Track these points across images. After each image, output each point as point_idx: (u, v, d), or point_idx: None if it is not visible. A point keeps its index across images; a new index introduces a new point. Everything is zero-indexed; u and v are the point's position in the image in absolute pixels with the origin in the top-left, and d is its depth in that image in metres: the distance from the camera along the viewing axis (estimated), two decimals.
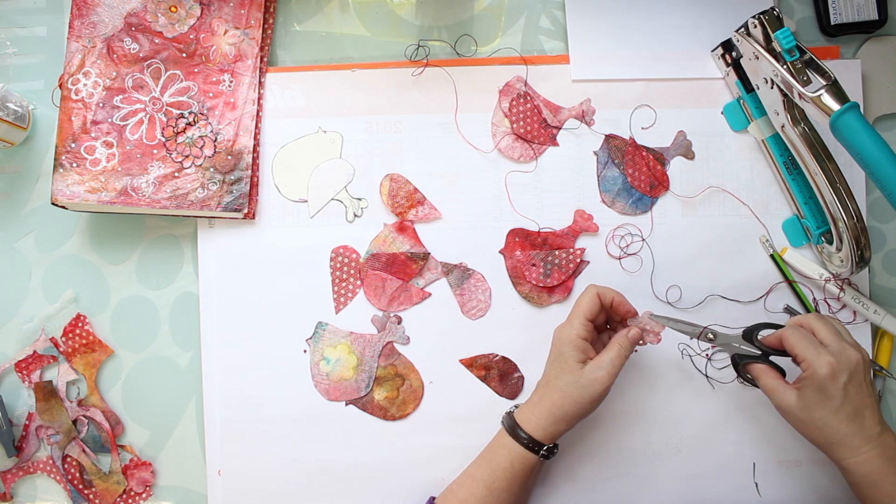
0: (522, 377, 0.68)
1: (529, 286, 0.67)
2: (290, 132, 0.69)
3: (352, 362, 0.68)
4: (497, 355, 0.68)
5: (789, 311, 0.67)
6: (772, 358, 0.59)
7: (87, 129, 0.65)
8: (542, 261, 0.67)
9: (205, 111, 0.67)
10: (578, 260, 0.67)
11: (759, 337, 0.60)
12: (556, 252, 0.67)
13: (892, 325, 0.66)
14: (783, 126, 0.63)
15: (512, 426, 0.60)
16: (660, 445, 0.68)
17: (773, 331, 0.60)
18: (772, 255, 0.67)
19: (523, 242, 0.67)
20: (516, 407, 0.62)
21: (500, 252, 0.68)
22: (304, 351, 0.68)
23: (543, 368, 0.62)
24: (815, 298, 0.67)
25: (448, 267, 0.68)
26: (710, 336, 0.60)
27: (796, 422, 0.57)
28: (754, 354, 0.60)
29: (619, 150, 0.68)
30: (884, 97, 0.68)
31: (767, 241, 0.67)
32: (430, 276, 0.68)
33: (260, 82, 0.68)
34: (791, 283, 0.67)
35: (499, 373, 0.68)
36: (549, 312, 0.68)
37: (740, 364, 0.60)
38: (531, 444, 0.59)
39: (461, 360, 0.68)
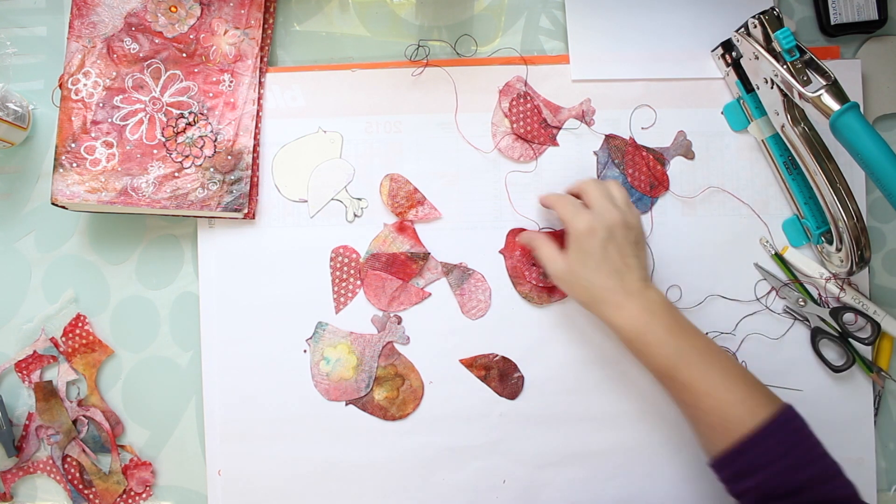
0: (522, 377, 0.68)
1: (529, 286, 0.67)
2: (290, 132, 0.69)
3: (352, 362, 0.68)
4: (497, 355, 0.68)
5: (788, 311, 0.67)
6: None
7: (87, 129, 0.65)
8: None
9: (205, 111, 0.67)
10: None
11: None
12: None
13: (892, 325, 0.66)
14: (783, 126, 0.63)
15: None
16: (660, 445, 0.68)
17: None
18: (773, 256, 0.67)
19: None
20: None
21: (500, 252, 0.68)
22: (304, 351, 0.68)
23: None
24: (821, 295, 0.67)
25: (448, 267, 0.68)
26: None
27: (566, 285, 0.61)
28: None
29: (619, 150, 0.68)
30: (884, 97, 0.68)
31: (768, 242, 0.67)
32: (430, 276, 0.68)
33: (260, 82, 0.68)
34: (794, 282, 0.67)
35: (499, 373, 0.68)
36: (550, 312, 0.68)
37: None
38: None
39: (461, 360, 0.68)
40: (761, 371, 0.67)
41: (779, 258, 0.67)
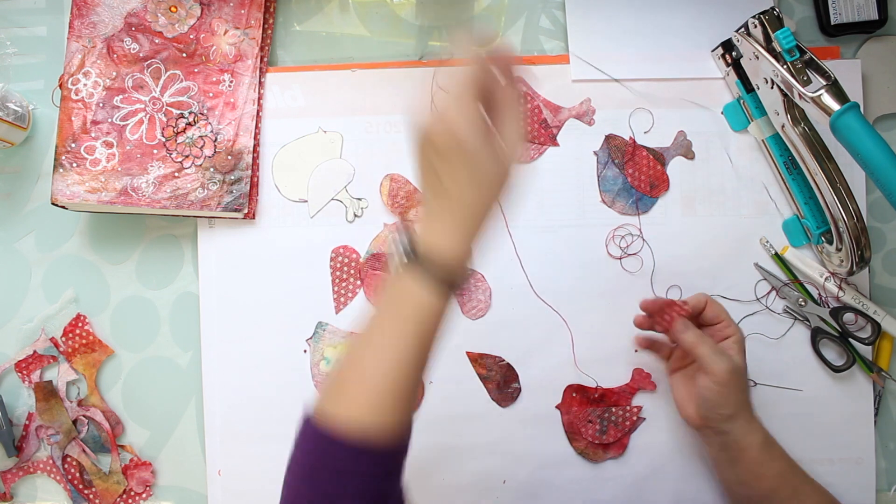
0: (520, 389, 0.67)
1: (585, 442, 0.67)
2: (290, 132, 0.68)
3: None
4: (503, 360, 0.68)
5: (788, 310, 0.67)
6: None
7: (87, 129, 0.65)
8: (599, 417, 0.67)
9: (205, 111, 0.67)
10: (635, 417, 0.67)
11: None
12: (613, 409, 0.67)
13: (893, 325, 0.66)
14: (783, 126, 0.63)
15: (436, 264, 0.44)
16: (660, 445, 0.68)
17: None
18: (773, 256, 0.67)
19: (580, 398, 0.67)
20: (408, 237, 0.46)
21: (556, 407, 0.67)
22: (304, 351, 0.68)
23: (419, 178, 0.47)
24: (821, 295, 0.67)
25: None
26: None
27: (736, 384, 0.58)
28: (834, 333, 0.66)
29: (619, 150, 0.68)
30: (884, 97, 0.68)
31: (768, 242, 0.67)
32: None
33: (260, 82, 0.68)
34: (794, 282, 0.67)
35: (499, 377, 0.67)
36: (550, 313, 0.67)
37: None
38: (456, 281, 0.45)
39: (468, 353, 0.67)
40: (761, 371, 0.68)
41: (779, 258, 0.67)
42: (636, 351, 0.67)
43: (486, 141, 0.44)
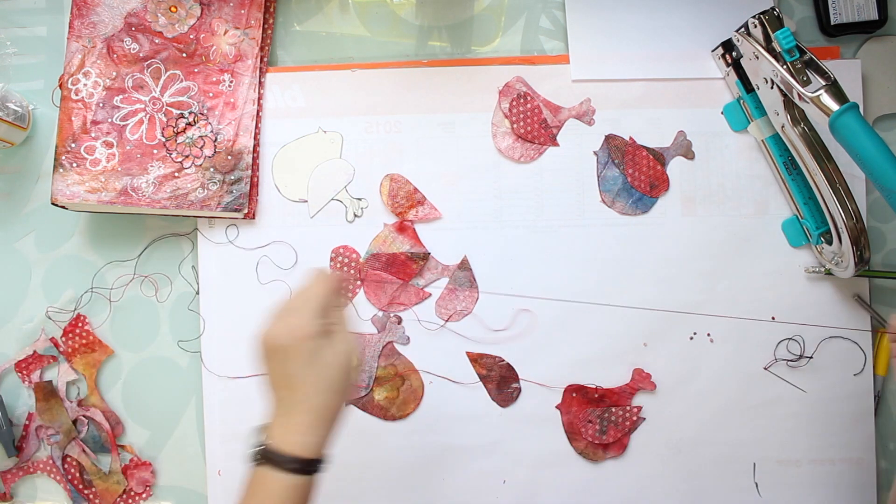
0: (519, 389, 0.67)
1: (585, 442, 0.67)
2: (290, 132, 0.68)
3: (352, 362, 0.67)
4: (503, 360, 0.68)
5: (859, 299, 0.67)
6: None
7: (87, 129, 0.65)
8: (599, 417, 0.67)
9: (205, 111, 0.67)
10: (635, 418, 0.67)
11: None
12: (613, 409, 0.67)
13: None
14: (783, 126, 0.63)
15: (287, 458, 0.49)
16: (660, 445, 0.68)
17: None
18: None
19: (580, 398, 0.67)
20: (262, 437, 0.50)
21: (556, 407, 0.67)
22: None
23: (268, 378, 0.51)
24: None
25: (453, 268, 0.68)
26: None
27: None
28: None
29: (619, 150, 0.68)
30: (884, 97, 0.68)
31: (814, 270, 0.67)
32: (430, 276, 0.68)
33: (260, 82, 0.68)
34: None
35: (499, 377, 0.67)
36: (550, 314, 0.68)
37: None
38: (311, 467, 0.49)
39: (468, 353, 0.68)
40: (761, 371, 0.68)
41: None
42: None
43: (324, 344, 0.50)
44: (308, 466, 0.49)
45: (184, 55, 0.67)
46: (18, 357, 0.68)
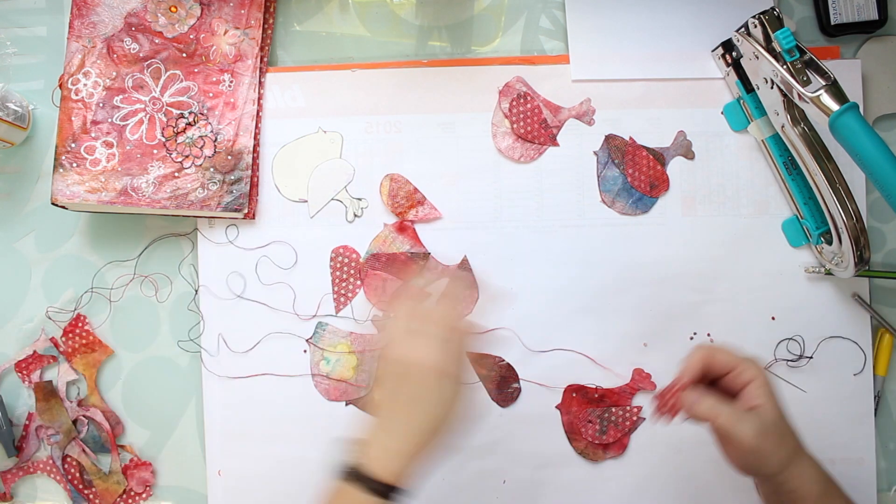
0: (519, 389, 0.67)
1: (585, 442, 0.67)
2: (290, 132, 0.68)
3: (352, 362, 0.68)
4: (503, 360, 0.68)
5: (858, 299, 0.67)
6: None
7: (87, 129, 0.65)
8: (599, 417, 0.67)
9: (205, 111, 0.67)
10: (635, 418, 0.67)
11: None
12: (613, 409, 0.67)
13: (892, 324, 0.66)
14: (783, 126, 0.63)
15: (373, 481, 0.48)
16: (660, 445, 0.68)
17: None
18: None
19: (580, 398, 0.67)
20: (352, 453, 0.50)
21: (556, 407, 0.67)
22: (304, 351, 0.68)
23: (380, 392, 0.51)
24: None
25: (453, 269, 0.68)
26: None
27: (759, 449, 0.51)
28: None
29: (619, 150, 0.68)
30: (884, 97, 0.68)
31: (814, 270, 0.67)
32: (430, 276, 0.68)
33: (260, 82, 0.68)
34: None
35: (498, 377, 0.67)
36: (549, 315, 0.67)
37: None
38: (393, 493, 0.48)
39: (468, 353, 0.67)
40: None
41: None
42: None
43: (455, 381, 0.50)
44: (392, 493, 0.48)
45: (184, 55, 0.67)
46: (18, 357, 0.68)
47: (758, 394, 0.52)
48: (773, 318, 0.68)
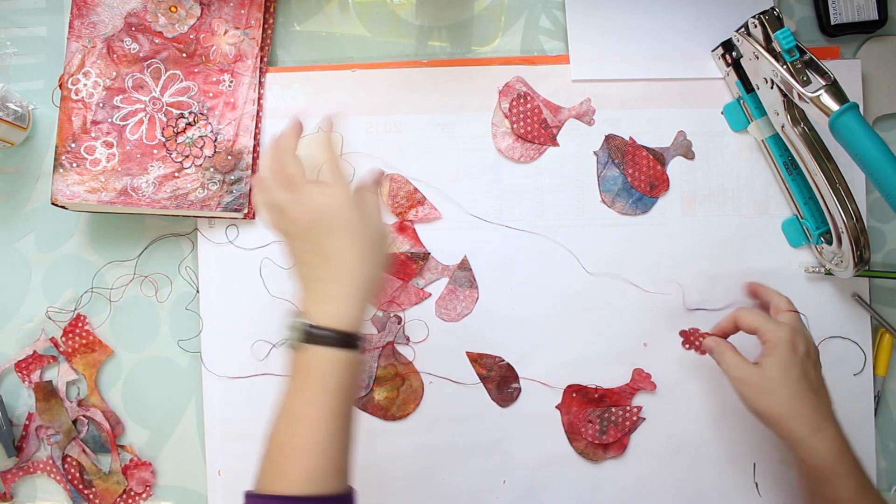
0: (519, 389, 0.67)
1: (585, 442, 0.67)
2: None
3: None
4: (503, 360, 0.68)
5: (858, 299, 0.67)
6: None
7: (87, 129, 0.65)
8: (599, 417, 0.67)
9: (205, 111, 0.67)
10: (635, 418, 0.67)
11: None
12: (613, 409, 0.67)
13: (892, 324, 0.66)
14: (783, 126, 0.63)
15: (330, 332, 0.47)
16: (660, 445, 0.68)
17: None
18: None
19: (580, 398, 0.67)
20: (298, 320, 0.49)
21: (556, 407, 0.67)
22: None
23: (293, 256, 0.51)
24: None
25: (453, 268, 0.68)
26: None
27: (757, 392, 0.56)
28: None
29: (619, 150, 0.68)
30: (884, 97, 0.68)
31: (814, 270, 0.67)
32: (430, 276, 0.68)
33: (260, 82, 0.68)
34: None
35: (499, 377, 0.67)
36: (550, 316, 0.68)
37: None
38: (353, 340, 0.48)
39: (468, 353, 0.68)
40: None
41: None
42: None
43: (361, 213, 0.49)
44: (351, 340, 0.48)
45: (184, 55, 0.67)
46: (18, 357, 0.68)
47: (764, 353, 0.57)
48: None
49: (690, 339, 0.67)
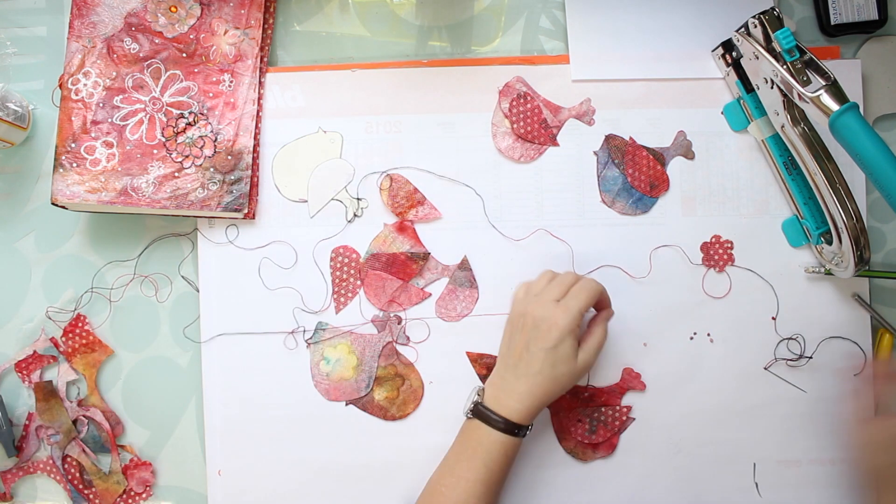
0: None
1: (575, 442, 0.67)
2: (290, 132, 0.68)
3: (352, 362, 0.68)
4: None
5: (859, 299, 0.67)
6: None
7: (87, 129, 0.65)
8: (589, 417, 0.67)
9: (205, 111, 0.67)
10: (624, 417, 0.67)
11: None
12: (603, 409, 0.67)
13: (892, 324, 0.66)
14: (783, 126, 0.63)
15: (497, 417, 0.59)
16: (660, 445, 0.68)
17: None
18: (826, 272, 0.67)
19: (570, 398, 0.67)
20: (479, 395, 0.61)
21: (546, 406, 0.67)
22: (305, 349, 0.68)
23: (510, 345, 0.61)
24: None
25: (453, 268, 0.68)
26: None
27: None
28: None
29: (619, 150, 0.68)
30: (884, 97, 0.68)
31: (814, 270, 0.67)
32: (430, 276, 0.68)
33: (260, 82, 0.68)
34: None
35: None
36: None
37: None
38: (517, 430, 0.59)
39: (468, 353, 0.68)
40: (761, 371, 0.68)
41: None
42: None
43: (575, 345, 0.59)
44: (514, 428, 0.58)
45: (184, 55, 0.67)
46: (18, 357, 0.68)
47: None
48: (773, 318, 0.68)
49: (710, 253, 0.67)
